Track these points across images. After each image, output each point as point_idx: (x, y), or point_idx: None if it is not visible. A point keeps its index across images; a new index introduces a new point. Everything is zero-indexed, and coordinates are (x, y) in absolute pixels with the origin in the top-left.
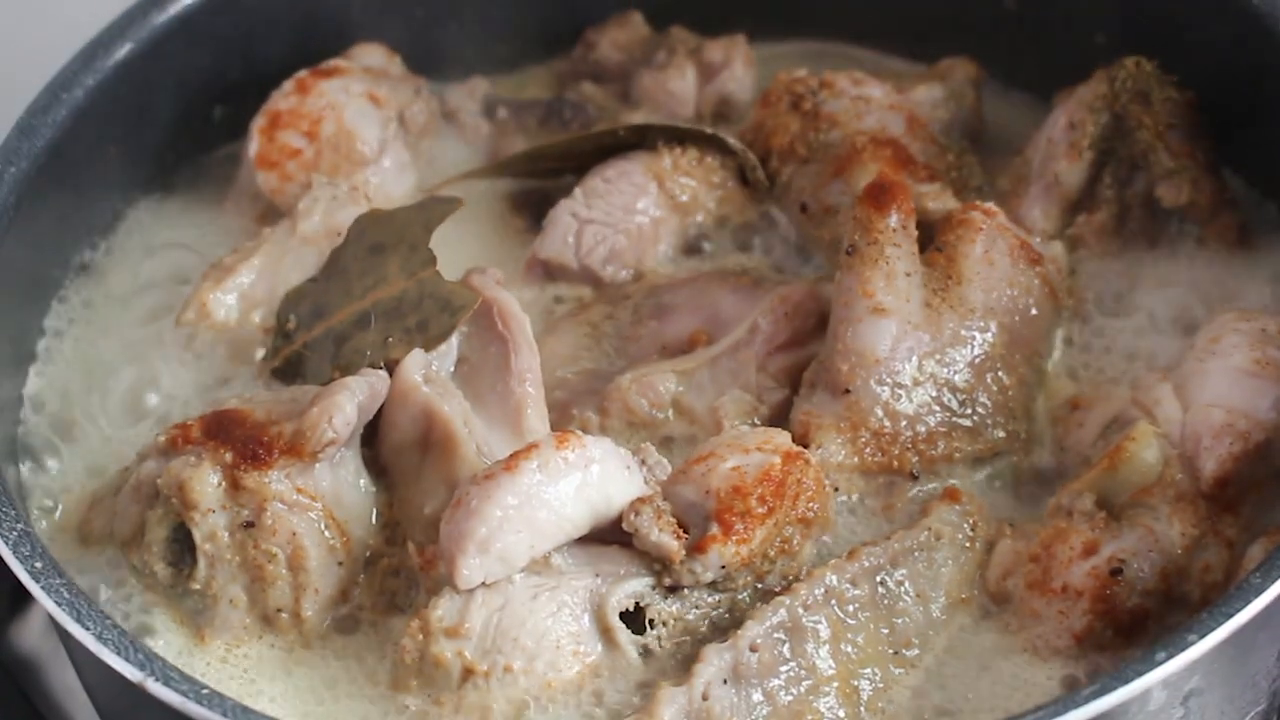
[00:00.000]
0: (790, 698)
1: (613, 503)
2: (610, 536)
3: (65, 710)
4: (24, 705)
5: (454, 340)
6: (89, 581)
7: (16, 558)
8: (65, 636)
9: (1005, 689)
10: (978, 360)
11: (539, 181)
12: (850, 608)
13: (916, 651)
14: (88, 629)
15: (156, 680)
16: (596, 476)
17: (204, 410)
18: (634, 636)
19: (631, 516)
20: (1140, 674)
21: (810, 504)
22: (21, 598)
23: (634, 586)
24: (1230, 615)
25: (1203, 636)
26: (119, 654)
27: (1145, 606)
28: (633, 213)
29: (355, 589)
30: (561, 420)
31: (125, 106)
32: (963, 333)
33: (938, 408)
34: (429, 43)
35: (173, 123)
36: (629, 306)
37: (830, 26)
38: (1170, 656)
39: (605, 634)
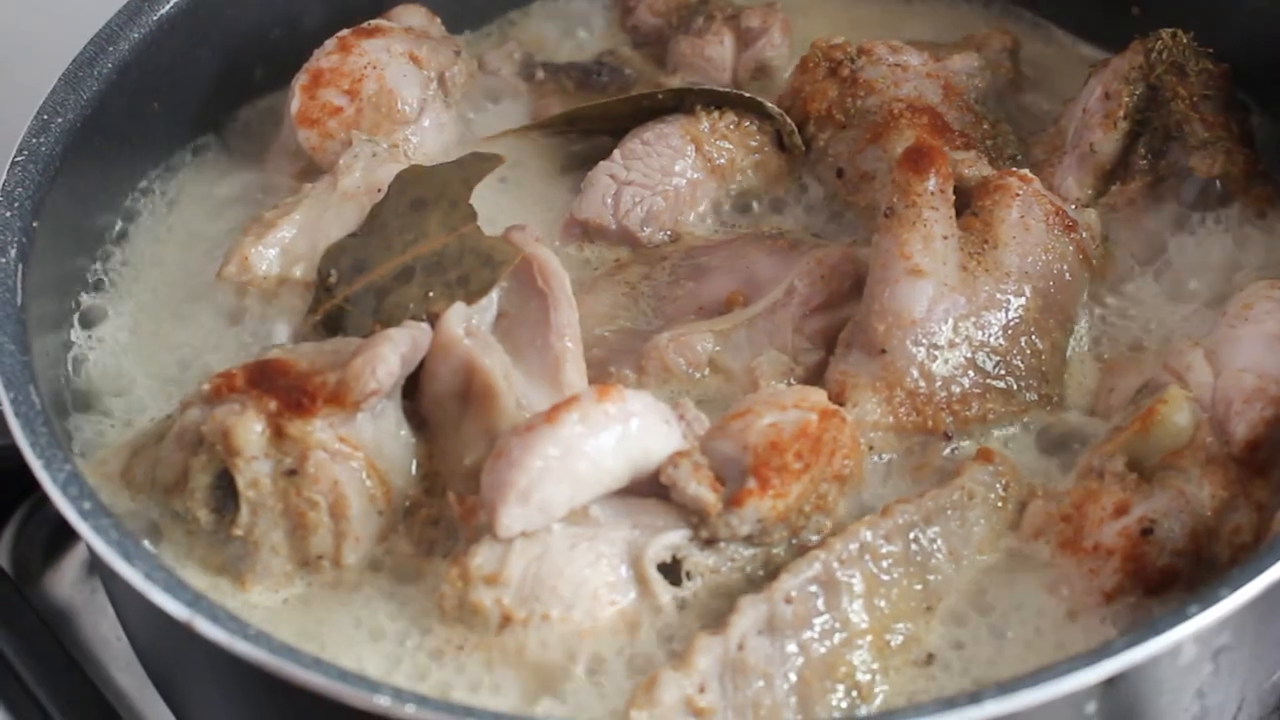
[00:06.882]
0: (824, 649)
1: (651, 456)
2: (648, 489)
3: (99, 659)
4: (60, 653)
5: (494, 295)
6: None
7: (65, 498)
8: (109, 578)
9: (1037, 644)
10: (1012, 323)
11: (577, 142)
12: (884, 563)
13: (948, 607)
14: (136, 567)
15: (205, 618)
16: (636, 429)
17: (247, 361)
18: (670, 588)
19: (670, 469)
20: (1172, 626)
21: (845, 461)
22: (55, 547)
23: (671, 539)
24: (1262, 571)
25: (1234, 591)
26: (167, 592)
27: (1175, 566)
28: (670, 175)
29: (394, 537)
30: (599, 378)
31: (169, 62)
32: (998, 296)
33: (972, 369)
34: (467, 4)
35: (215, 79)
36: (666, 267)
37: None
38: (1202, 610)
39: (642, 585)
